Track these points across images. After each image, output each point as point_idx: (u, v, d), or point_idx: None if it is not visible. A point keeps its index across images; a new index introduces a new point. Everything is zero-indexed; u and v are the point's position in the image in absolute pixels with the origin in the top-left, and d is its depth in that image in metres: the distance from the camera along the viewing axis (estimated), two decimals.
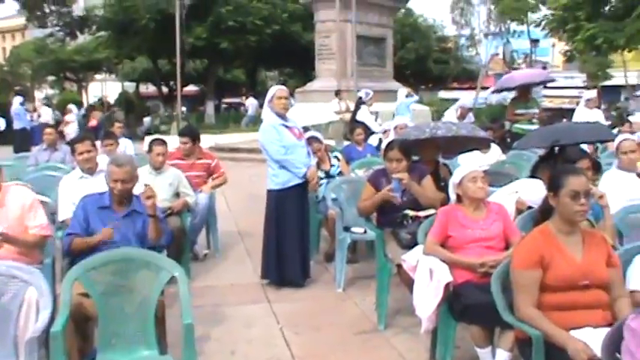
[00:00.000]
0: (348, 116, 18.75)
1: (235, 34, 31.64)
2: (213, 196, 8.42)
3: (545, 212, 3.96)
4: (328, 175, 8.25)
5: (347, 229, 7.02)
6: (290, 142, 6.76)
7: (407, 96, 18.09)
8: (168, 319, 4.44)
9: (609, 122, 15.43)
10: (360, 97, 15.80)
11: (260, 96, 34.33)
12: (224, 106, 50.72)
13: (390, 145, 6.15)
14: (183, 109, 32.57)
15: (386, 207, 5.93)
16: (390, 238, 5.85)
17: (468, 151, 7.93)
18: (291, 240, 6.88)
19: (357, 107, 15.68)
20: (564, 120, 14.35)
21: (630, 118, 12.82)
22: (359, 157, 9.43)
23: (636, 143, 6.59)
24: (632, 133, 9.94)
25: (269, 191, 6.93)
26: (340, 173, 8.36)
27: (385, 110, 17.41)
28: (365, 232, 6.88)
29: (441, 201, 5.81)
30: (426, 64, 44.57)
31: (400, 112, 17.21)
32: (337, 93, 19.49)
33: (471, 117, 14.08)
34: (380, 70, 25.11)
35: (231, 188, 10.16)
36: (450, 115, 13.82)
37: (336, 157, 8.62)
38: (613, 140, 7.13)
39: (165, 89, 42.28)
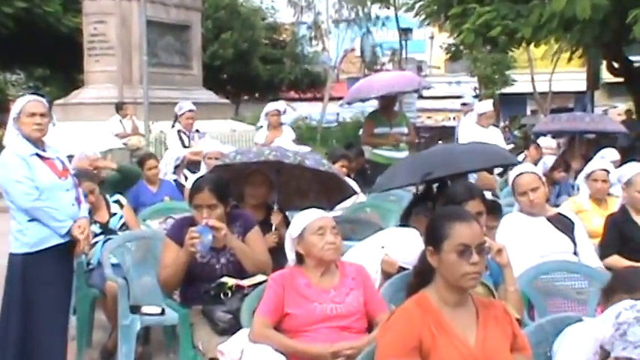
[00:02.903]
0: (136, 140, 18.68)
1: None
2: None
3: (422, 275, 4.04)
4: (106, 230, 8.15)
5: (135, 309, 6.95)
6: (47, 182, 6.59)
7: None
8: None
9: (512, 145, 16.16)
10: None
11: None
12: None
13: (197, 185, 6.10)
14: None
15: (194, 273, 5.89)
16: (200, 321, 5.82)
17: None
18: (46, 330, 6.66)
19: (173, 126, 15.69)
20: (439, 142, 14.77)
21: (540, 140, 13.35)
22: (152, 201, 9.40)
23: (538, 177, 6.63)
24: (539, 159, 10.43)
25: (12, 256, 6.71)
26: (124, 226, 8.29)
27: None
28: (162, 312, 6.83)
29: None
30: (251, 63, 44.92)
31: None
32: (119, 107, 19.37)
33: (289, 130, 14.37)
34: (183, 73, 25.13)
35: None
36: (260, 137, 14.00)
37: (117, 202, 8.53)
38: (513, 165, 7.28)
39: None
